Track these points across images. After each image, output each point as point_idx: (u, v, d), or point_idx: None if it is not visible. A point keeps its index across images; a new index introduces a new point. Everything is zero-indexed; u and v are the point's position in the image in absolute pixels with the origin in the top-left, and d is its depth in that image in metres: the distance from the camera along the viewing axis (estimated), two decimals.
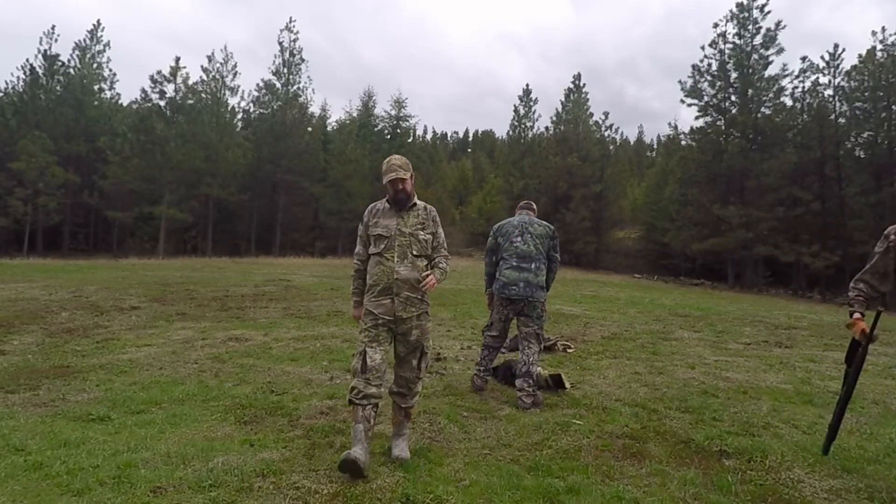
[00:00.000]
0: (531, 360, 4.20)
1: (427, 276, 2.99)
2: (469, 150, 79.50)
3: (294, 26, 37.58)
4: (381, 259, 3.03)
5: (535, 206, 4.77)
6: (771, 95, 29.36)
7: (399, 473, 2.78)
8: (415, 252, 3.05)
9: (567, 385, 4.50)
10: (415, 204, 3.13)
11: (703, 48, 30.60)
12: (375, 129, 39.32)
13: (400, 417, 3.15)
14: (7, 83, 40.15)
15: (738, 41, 29.84)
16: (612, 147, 42.29)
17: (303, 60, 37.55)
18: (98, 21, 40.63)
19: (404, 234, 3.05)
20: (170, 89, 32.65)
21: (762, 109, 29.28)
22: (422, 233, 3.10)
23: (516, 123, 44.40)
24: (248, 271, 17.19)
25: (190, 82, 33.30)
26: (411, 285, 3.01)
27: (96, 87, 38.40)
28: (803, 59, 31.62)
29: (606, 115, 38.77)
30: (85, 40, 38.20)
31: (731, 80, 29.94)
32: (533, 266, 4.30)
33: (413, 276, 3.01)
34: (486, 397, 4.29)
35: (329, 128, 43.17)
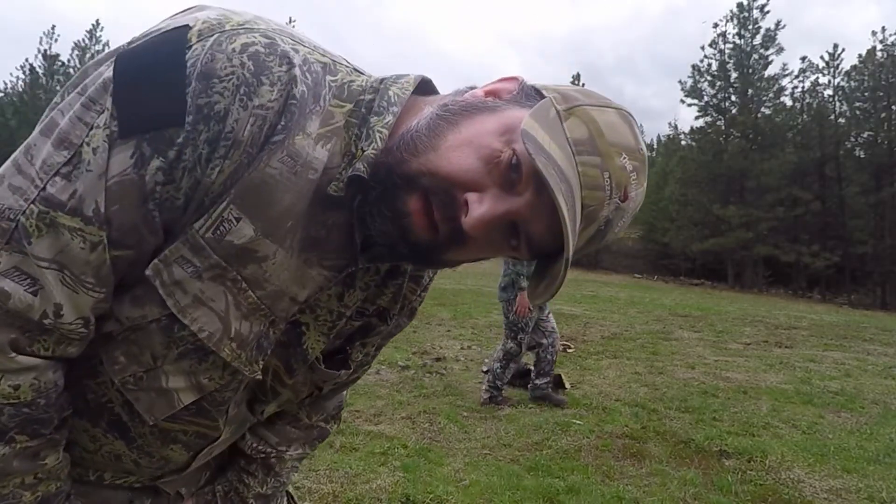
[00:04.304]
0: (494, 355, 4.25)
1: None
2: None
3: (294, 26, 37.65)
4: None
5: None
6: (771, 95, 29.45)
7: (399, 473, 2.78)
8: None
9: (567, 385, 4.52)
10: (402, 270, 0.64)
11: (702, 48, 30.72)
12: None
13: None
14: (7, 83, 40.32)
15: (737, 41, 29.91)
16: None
17: None
18: (97, 21, 40.72)
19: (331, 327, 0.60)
20: None
21: (762, 109, 29.37)
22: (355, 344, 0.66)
23: None
24: None
25: None
26: None
27: None
28: (803, 59, 31.78)
29: None
30: (84, 40, 38.26)
31: (731, 80, 29.98)
32: (501, 275, 4.74)
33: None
34: None
35: None
